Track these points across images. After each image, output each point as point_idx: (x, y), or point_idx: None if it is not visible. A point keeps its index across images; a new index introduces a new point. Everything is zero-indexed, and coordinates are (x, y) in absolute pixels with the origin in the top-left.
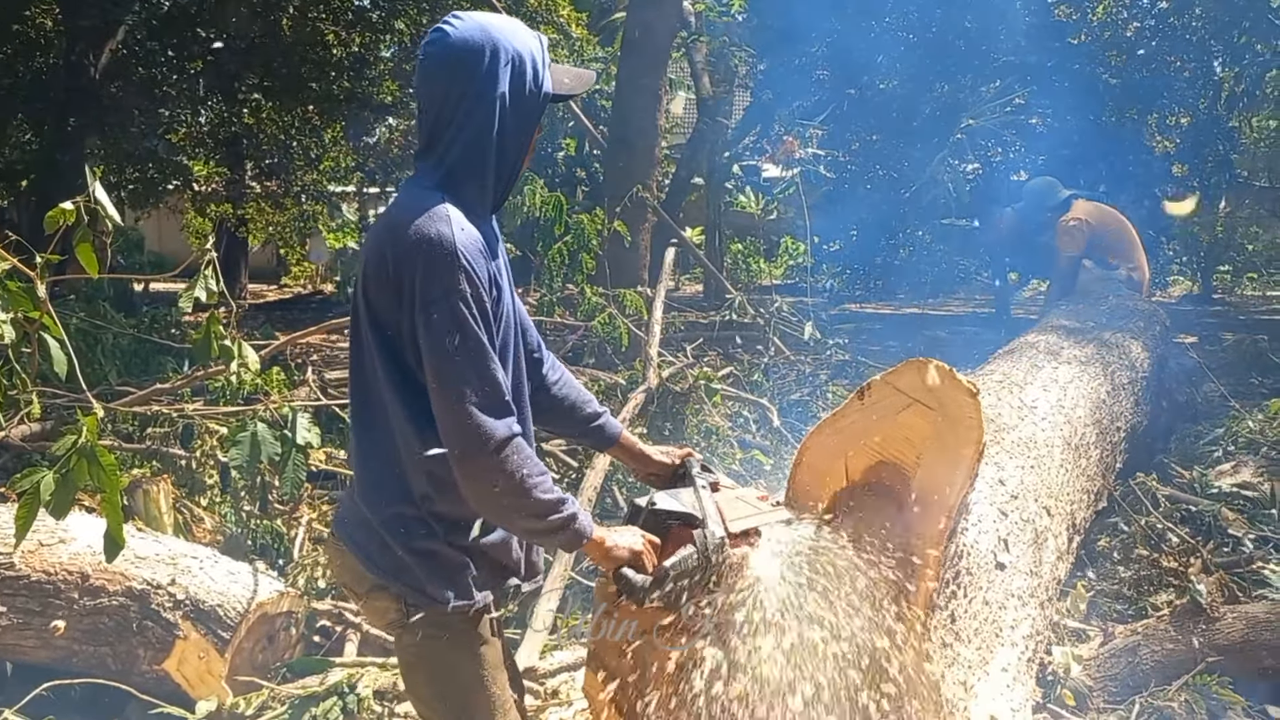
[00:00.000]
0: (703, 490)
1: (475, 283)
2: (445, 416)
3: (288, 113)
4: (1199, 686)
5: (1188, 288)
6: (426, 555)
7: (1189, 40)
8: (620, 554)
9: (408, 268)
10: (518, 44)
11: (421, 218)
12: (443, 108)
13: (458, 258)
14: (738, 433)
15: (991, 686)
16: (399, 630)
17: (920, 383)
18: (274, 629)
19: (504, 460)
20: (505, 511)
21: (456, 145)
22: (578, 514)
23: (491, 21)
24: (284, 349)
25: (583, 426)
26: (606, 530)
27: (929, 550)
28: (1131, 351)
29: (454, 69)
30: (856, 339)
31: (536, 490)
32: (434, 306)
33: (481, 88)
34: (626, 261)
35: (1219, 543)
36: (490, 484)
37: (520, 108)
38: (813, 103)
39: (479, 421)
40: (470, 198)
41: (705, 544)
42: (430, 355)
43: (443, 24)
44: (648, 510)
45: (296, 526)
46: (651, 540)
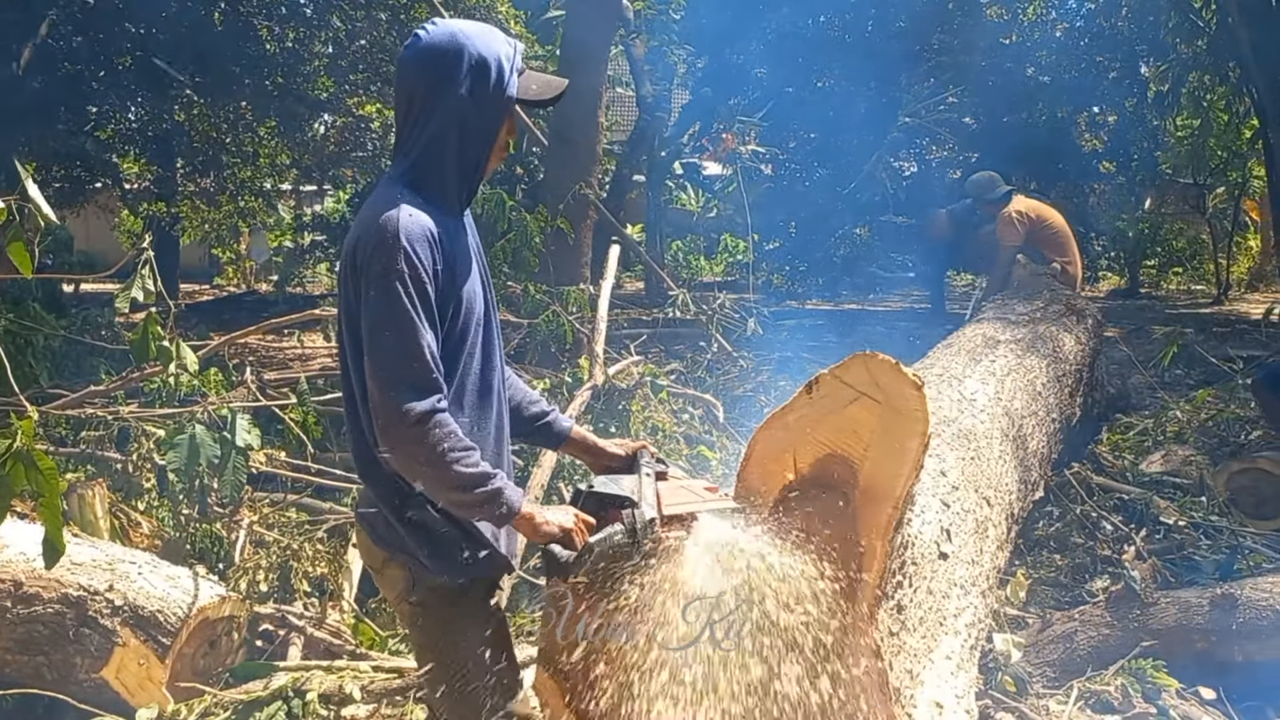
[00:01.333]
0: (646, 477)
1: (415, 264)
2: (373, 390)
3: (220, 109)
4: (1134, 670)
5: (1116, 282)
6: (420, 527)
7: (1116, 41)
8: (550, 530)
9: (360, 253)
10: (483, 49)
11: (375, 207)
12: (409, 107)
13: (399, 239)
14: (683, 429)
15: (937, 674)
16: (406, 599)
17: (867, 376)
18: (216, 634)
19: (425, 434)
20: (429, 483)
21: (420, 143)
22: (504, 489)
23: (463, 28)
24: (221, 349)
25: (531, 425)
26: (537, 507)
27: (876, 541)
28: (1065, 345)
29: (420, 71)
30: (797, 335)
31: (458, 464)
32: (373, 285)
33: (443, 89)
34: (569, 259)
35: (1151, 530)
36: (410, 457)
37: (482, 110)
38: (751, 100)
39: (400, 396)
40: (433, 193)
41: (633, 523)
42: (366, 331)
43: (418, 29)
44: (586, 492)
45: (237, 530)
46: (585, 520)
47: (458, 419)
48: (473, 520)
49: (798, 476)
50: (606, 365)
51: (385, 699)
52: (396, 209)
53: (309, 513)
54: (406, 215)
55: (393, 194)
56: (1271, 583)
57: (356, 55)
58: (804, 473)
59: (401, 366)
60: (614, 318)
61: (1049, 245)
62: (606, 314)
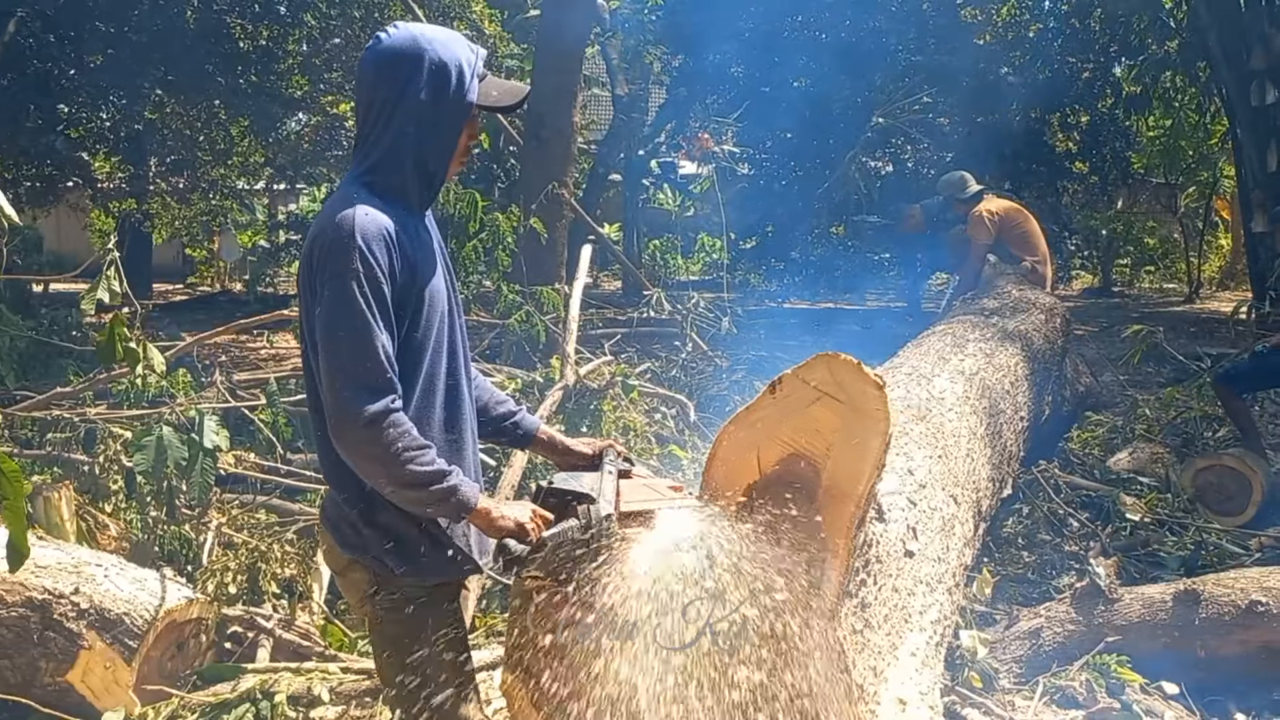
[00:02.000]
0: (608, 474)
1: (370, 264)
2: (325, 391)
3: (193, 107)
4: (1099, 665)
5: (1089, 281)
6: (384, 529)
7: (1088, 42)
8: (505, 524)
9: (316, 253)
10: (444, 54)
11: (334, 208)
12: (369, 109)
13: (354, 239)
14: (655, 428)
15: (901, 671)
16: (370, 600)
17: (829, 376)
18: (183, 636)
19: (378, 434)
20: (383, 482)
21: (379, 145)
22: (459, 485)
23: (424, 32)
24: (191, 350)
25: (498, 425)
26: (494, 502)
27: (838, 540)
28: (1034, 343)
29: (379, 74)
30: (773, 334)
31: (412, 463)
32: (327, 285)
33: (401, 92)
34: (543, 258)
35: (1117, 526)
36: (364, 456)
37: (441, 114)
38: (727, 100)
39: (353, 397)
40: (393, 194)
41: (589, 517)
42: (319, 331)
43: (380, 32)
44: (545, 489)
45: (206, 532)
46: (543, 515)
47: (429, 418)
48: (431, 517)
49: (762, 476)
50: (579, 365)
51: (354, 700)
52: (353, 208)
53: (278, 514)
54: (363, 214)
55: (350, 194)
56: (1234, 578)
57: (331, 54)
58: (768, 472)
59: (355, 367)
60: (589, 317)
61: (1019, 244)
62: (579, 314)
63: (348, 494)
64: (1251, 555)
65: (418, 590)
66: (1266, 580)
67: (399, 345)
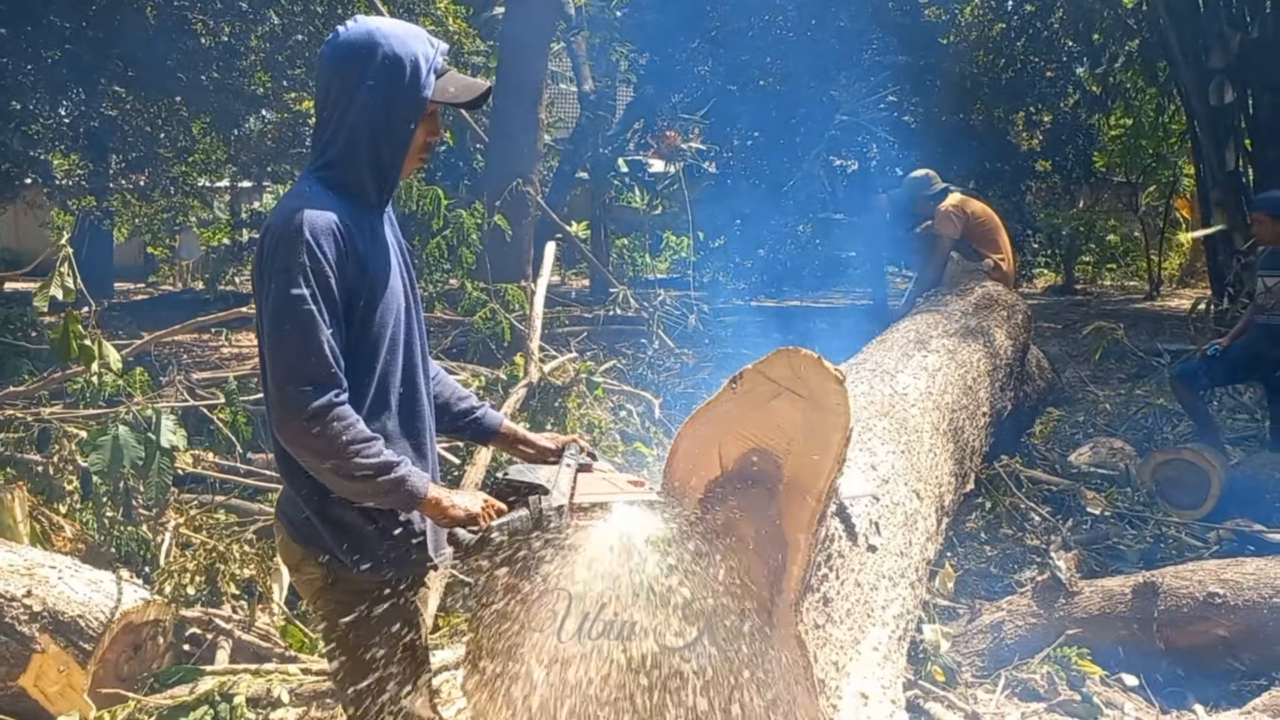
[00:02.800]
0: (566, 467)
1: (318, 258)
2: (270, 384)
3: (153, 104)
4: (1059, 658)
5: (1052, 279)
6: (339, 523)
7: (1051, 43)
8: (456, 514)
9: (264, 246)
10: (399, 48)
11: (284, 202)
12: (324, 104)
13: (301, 233)
14: (620, 425)
15: (863, 665)
16: (323, 595)
17: (790, 372)
18: (140, 639)
19: (322, 428)
20: (330, 475)
21: (335, 141)
22: (408, 476)
23: (381, 26)
24: (150, 348)
25: (460, 421)
26: (445, 491)
27: (799, 535)
28: (996, 339)
29: (334, 69)
30: (739, 331)
31: (358, 456)
32: (274, 279)
33: (354, 87)
34: (508, 256)
35: (1078, 521)
36: (308, 450)
37: (395, 109)
38: (694, 98)
39: (296, 391)
40: (349, 190)
41: (539, 508)
42: (265, 324)
43: (338, 26)
44: (500, 480)
45: (163, 532)
46: (494, 504)
47: (385, 418)
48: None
49: (724, 471)
50: (543, 363)
51: (315, 701)
52: (304, 203)
53: (237, 514)
54: (312, 209)
55: (303, 189)
56: (1192, 570)
57: (294, 50)
58: (730, 467)
59: (299, 361)
60: (556, 315)
61: (983, 241)
62: (543, 311)
63: (301, 488)
64: (1209, 548)
65: (373, 585)
66: (1224, 573)
67: (351, 343)
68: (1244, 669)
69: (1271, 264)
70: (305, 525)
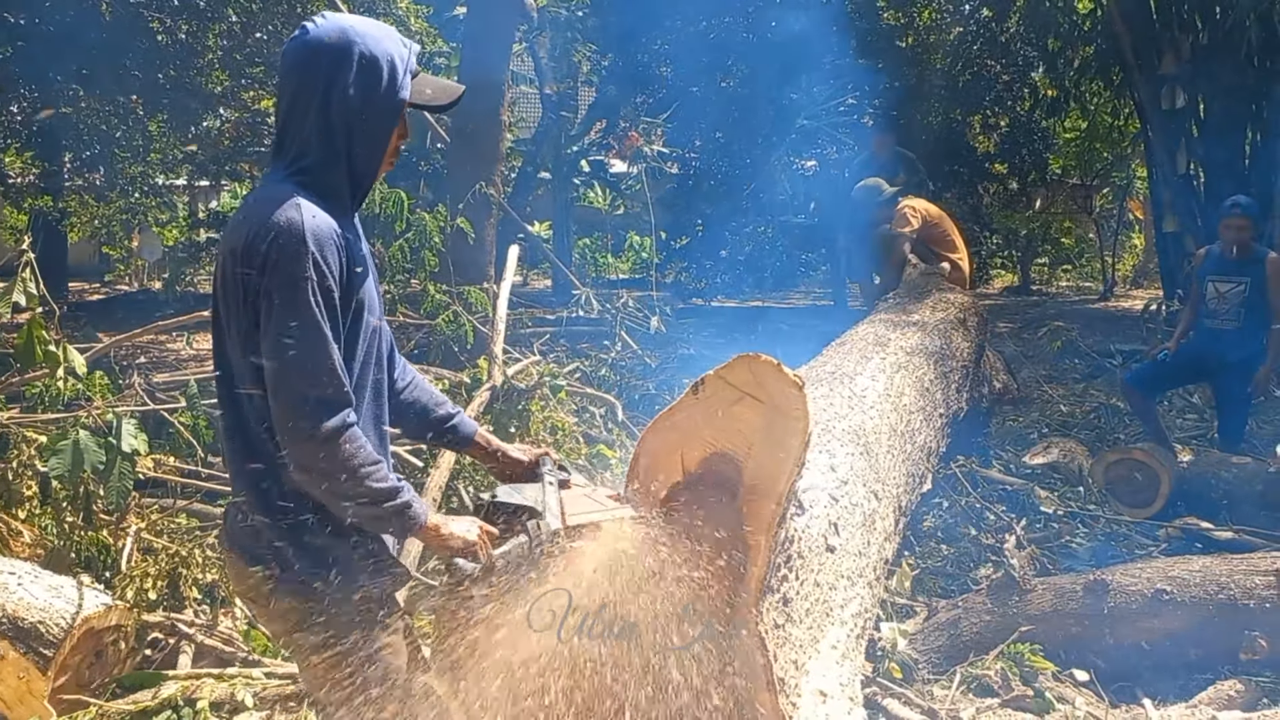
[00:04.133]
0: (549, 486)
1: (323, 271)
2: (276, 404)
3: (109, 102)
4: (1013, 654)
5: (1009, 280)
6: (310, 549)
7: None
8: (454, 543)
9: (257, 257)
10: (375, 48)
11: (271, 207)
12: (292, 105)
13: (305, 244)
14: (583, 428)
15: (822, 663)
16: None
17: (750, 377)
18: (101, 644)
19: (336, 449)
20: (335, 498)
21: (307, 145)
22: (411, 502)
23: (354, 24)
24: (109, 351)
25: (436, 428)
26: (443, 518)
27: (760, 537)
28: (952, 341)
29: (304, 68)
30: (701, 332)
31: (368, 479)
32: (277, 293)
33: (327, 87)
34: (471, 258)
35: (1032, 519)
36: (319, 472)
37: (371, 112)
38: (656, 100)
39: (311, 411)
40: (324, 192)
41: (538, 534)
42: (268, 341)
43: (305, 22)
44: (489, 502)
45: (125, 537)
46: (489, 530)
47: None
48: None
49: (686, 475)
50: (506, 365)
51: (279, 704)
52: (297, 209)
53: (199, 518)
54: (310, 217)
55: (282, 193)
56: (1140, 568)
57: (253, 49)
58: (692, 471)
59: (311, 380)
60: (519, 316)
61: (938, 242)
62: (506, 313)
63: (268, 514)
64: (1159, 545)
65: (355, 610)
66: (1172, 570)
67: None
68: (1191, 664)
69: (1221, 269)
70: (270, 555)
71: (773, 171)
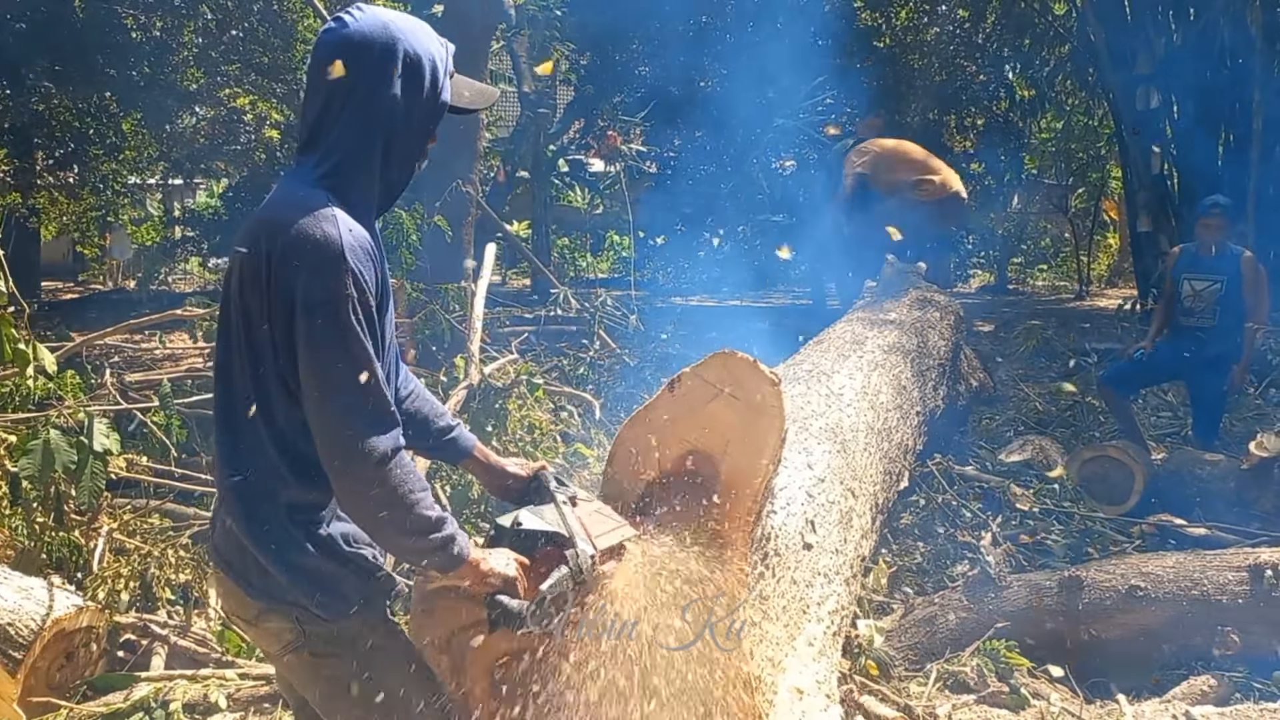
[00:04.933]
0: (564, 506)
1: (363, 288)
2: (325, 428)
3: (82, 100)
4: (989, 651)
5: (986, 279)
6: (302, 571)
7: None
8: (494, 581)
9: (289, 269)
10: (419, 47)
11: (305, 217)
12: (330, 101)
13: (344, 261)
14: (560, 427)
15: (799, 660)
16: (296, 651)
17: (726, 374)
18: (72, 646)
19: (387, 474)
20: (384, 526)
21: (342, 144)
22: (456, 535)
23: (394, 19)
24: (81, 350)
25: (436, 440)
26: (481, 552)
27: (736, 534)
28: (929, 340)
29: (346, 64)
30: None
31: (418, 507)
32: (318, 312)
33: (373, 86)
34: (448, 256)
35: (1007, 516)
36: (371, 499)
37: (414, 113)
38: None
39: (362, 435)
40: (354, 198)
41: (579, 563)
42: (311, 363)
43: (342, 14)
44: (515, 531)
45: (96, 538)
46: (521, 562)
47: None
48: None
49: (662, 472)
50: (484, 364)
51: (252, 706)
52: (334, 224)
53: (172, 519)
54: (347, 231)
55: (314, 200)
56: (1115, 564)
57: (229, 46)
58: (668, 468)
59: (360, 400)
60: (497, 315)
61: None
62: (483, 312)
63: (254, 531)
64: (1133, 542)
65: (350, 625)
66: (1146, 566)
67: None
68: (1165, 659)
69: (1197, 268)
70: (261, 575)
71: (751, 171)
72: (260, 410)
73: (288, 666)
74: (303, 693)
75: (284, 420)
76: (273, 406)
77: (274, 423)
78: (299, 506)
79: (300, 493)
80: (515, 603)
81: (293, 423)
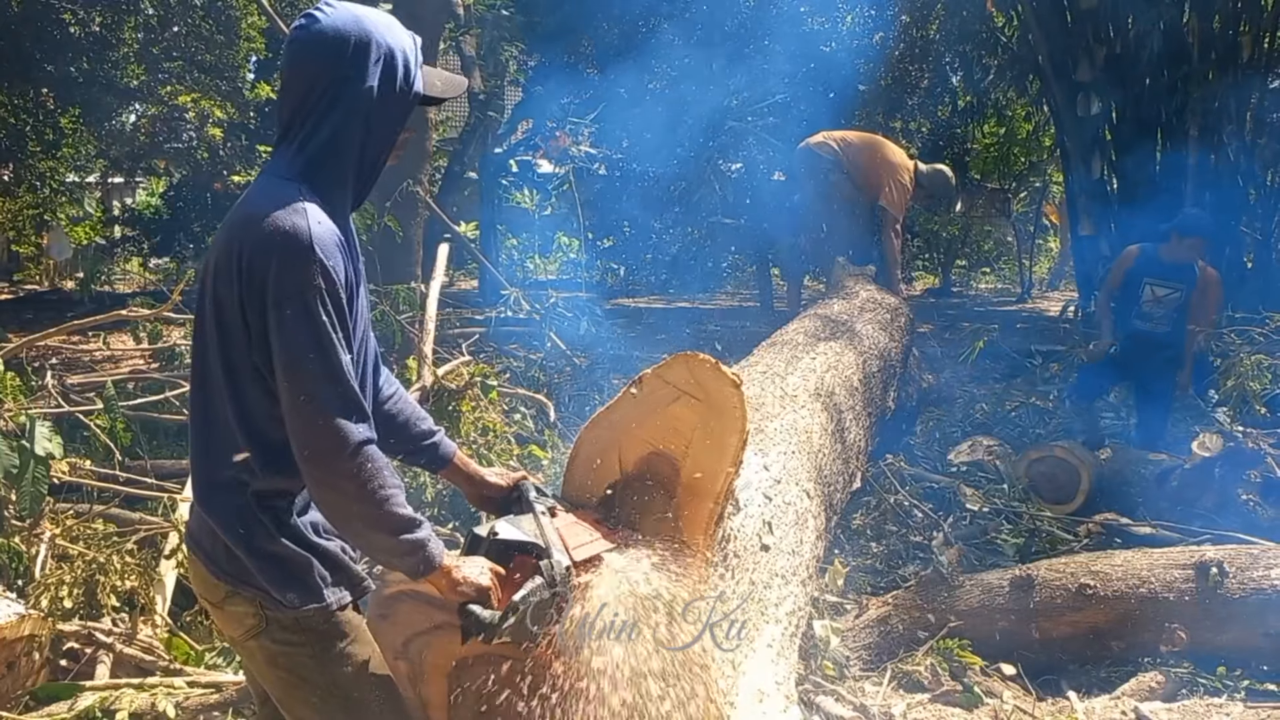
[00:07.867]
0: (543, 516)
1: (332, 279)
2: (297, 419)
3: (18, 96)
4: (942, 650)
5: (931, 282)
6: (269, 558)
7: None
8: (466, 590)
9: (260, 262)
10: (390, 39)
11: (277, 210)
12: (306, 96)
13: (313, 252)
14: (514, 429)
15: (758, 662)
16: (257, 637)
17: (688, 376)
18: (14, 655)
19: (358, 467)
20: (355, 522)
21: (317, 137)
22: (430, 538)
23: (365, 13)
24: (21, 351)
25: (415, 444)
26: (454, 559)
27: (697, 536)
28: (880, 342)
29: (324, 59)
30: (630, 333)
31: (389, 504)
32: (288, 304)
33: (348, 80)
34: (399, 257)
35: (958, 516)
36: (342, 491)
37: (388, 105)
38: (584, 100)
39: (333, 425)
40: (329, 192)
41: (552, 574)
42: (283, 354)
43: (314, 9)
44: (490, 540)
45: (38, 544)
46: (496, 571)
47: None
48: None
49: (623, 475)
50: (436, 366)
51: (201, 715)
52: (303, 215)
53: (117, 524)
54: (316, 223)
55: (287, 193)
56: (1065, 563)
57: (170, 43)
58: (629, 471)
59: (330, 392)
60: (446, 317)
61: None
62: (436, 313)
63: (223, 518)
64: (1080, 541)
65: (316, 615)
66: (1094, 565)
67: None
68: (1114, 656)
69: (1160, 274)
70: (228, 559)
71: (700, 173)
72: (232, 399)
73: (249, 653)
74: (261, 681)
75: (254, 409)
76: (244, 395)
77: (245, 411)
78: (267, 494)
79: (269, 481)
80: (487, 612)
81: (262, 411)
